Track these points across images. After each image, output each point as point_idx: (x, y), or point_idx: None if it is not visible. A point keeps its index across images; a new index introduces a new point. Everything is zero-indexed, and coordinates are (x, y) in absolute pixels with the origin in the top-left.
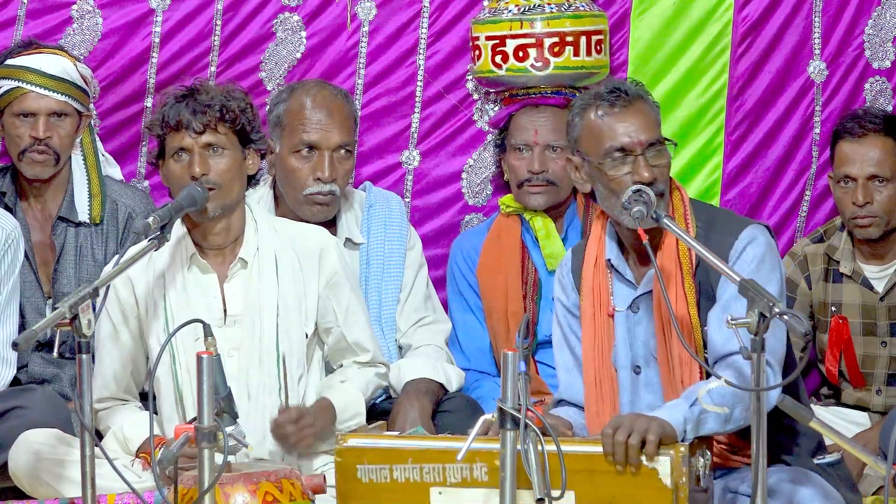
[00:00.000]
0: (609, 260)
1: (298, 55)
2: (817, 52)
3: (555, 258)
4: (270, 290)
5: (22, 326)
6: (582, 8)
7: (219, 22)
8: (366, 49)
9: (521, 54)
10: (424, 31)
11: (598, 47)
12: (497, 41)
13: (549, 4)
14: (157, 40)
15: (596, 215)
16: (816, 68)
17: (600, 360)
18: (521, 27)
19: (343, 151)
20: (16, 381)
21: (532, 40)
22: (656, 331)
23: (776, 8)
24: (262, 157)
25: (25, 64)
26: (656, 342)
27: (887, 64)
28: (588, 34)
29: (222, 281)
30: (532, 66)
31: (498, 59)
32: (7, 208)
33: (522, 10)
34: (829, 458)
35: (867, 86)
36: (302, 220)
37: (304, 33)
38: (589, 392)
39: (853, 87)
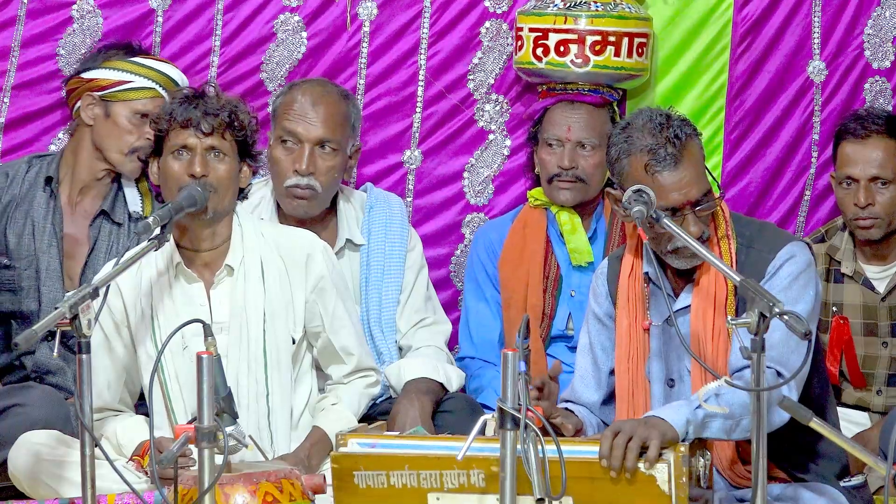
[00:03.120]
0: (647, 273)
1: (299, 56)
2: (817, 51)
3: (579, 253)
4: (257, 296)
5: (38, 309)
6: (627, 9)
7: (219, 22)
8: (367, 49)
9: (562, 49)
10: (425, 30)
11: (641, 50)
12: (540, 34)
13: (595, 3)
14: (157, 40)
15: (631, 229)
16: (816, 68)
17: (634, 371)
18: (565, 22)
19: (327, 148)
20: (21, 367)
21: (574, 36)
22: (690, 345)
23: (776, 8)
24: (254, 173)
25: (161, 69)
26: (689, 357)
27: (887, 64)
28: (631, 36)
29: (209, 288)
30: (572, 62)
31: (539, 51)
32: (52, 194)
33: (568, 5)
34: (854, 482)
35: (867, 86)
36: (288, 213)
37: (304, 34)
38: (621, 404)
39: (853, 87)
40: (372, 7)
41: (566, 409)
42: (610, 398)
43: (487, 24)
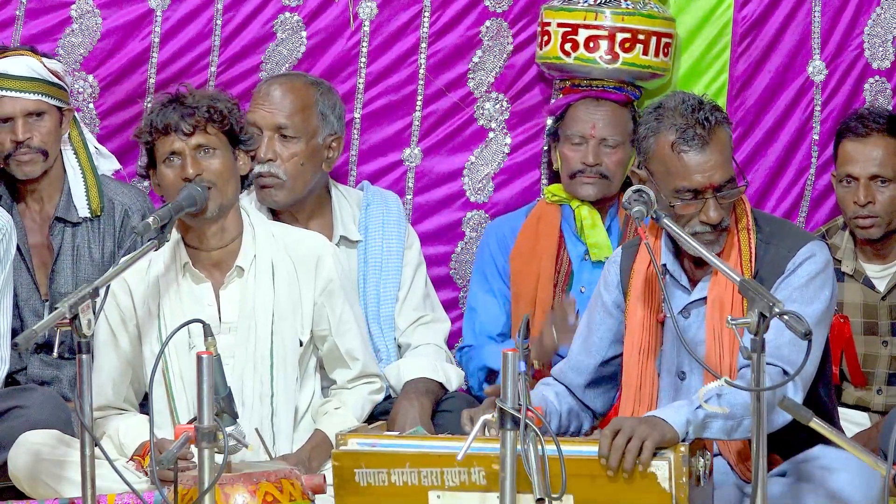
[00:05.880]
0: (664, 265)
1: (299, 55)
2: (817, 51)
3: (599, 248)
4: (266, 296)
5: (20, 329)
6: (655, 9)
7: (219, 22)
8: (367, 48)
9: (591, 45)
10: (425, 30)
11: (666, 50)
12: (569, 29)
13: (624, 0)
14: (156, 40)
15: (651, 220)
16: (816, 68)
17: (644, 363)
18: (596, 18)
19: (287, 134)
20: (15, 383)
21: (604, 33)
22: (706, 338)
23: (776, 7)
24: (252, 158)
25: None
26: (705, 349)
27: (887, 64)
28: (658, 35)
29: (217, 288)
30: (601, 58)
31: (567, 46)
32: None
33: (598, 2)
34: None
35: (867, 86)
36: (261, 203)
37: (304, 33)
38: (627, 394)
39: (853, 87)
40: (372, 6)
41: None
42: (597, 382)
43: (487, 22)
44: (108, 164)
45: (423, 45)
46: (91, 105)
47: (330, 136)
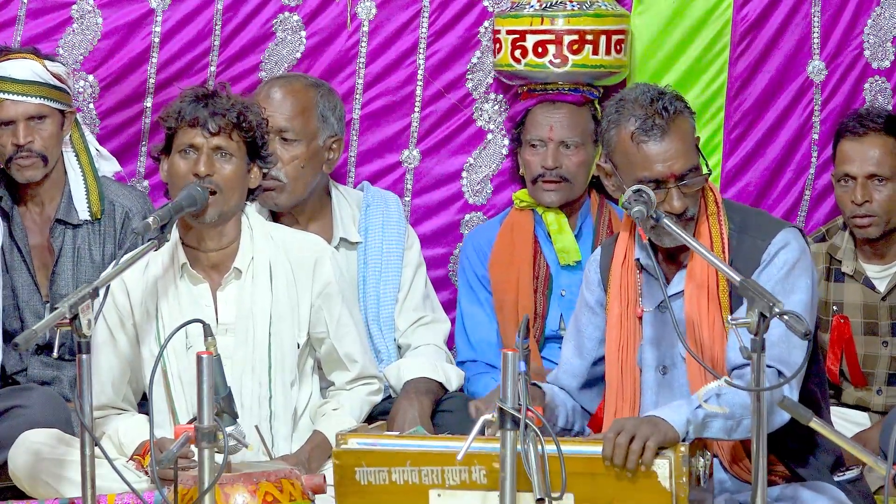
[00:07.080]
0: (638, 259)
1: (298, 55)
2: (816, 51)
3: (567, 253)
4: (264, 298)
5: (21, 330)
6: (604, 7)
7: (219, 22)
8: (366, 49)
9: (540, 50)
10: (424, 30)
11: (619, 47)
12: (517, 36)
13: (570, 2)
14: (156, 40)
15: (626, 214)
16: (815, 68)
17: (625, 359)
18: (542, 23)
19: (287, 137)
20: (15, 384)
21: (552, 37)
22: (687, 331)
23: (775, 7)
24: (265, 176)
25: None
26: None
27: (886, 64)
28: (609, 33)
29: (215, 289)
30: (550, 62)
31: (517, 53)
32: (4, 213)
33: (544, 6)
34: (848, 475)
35: (866, 86)
36: (262, 205)
37: (303, 33)
38: (610, 391)
39: (852, 86)
40: (371, 6)
41: (536, 384)
42: (590, 384)
43: (486, 23)
44: (108, 165)
45: (422, 45)
46: (91, 105)
47: (330, 138)
